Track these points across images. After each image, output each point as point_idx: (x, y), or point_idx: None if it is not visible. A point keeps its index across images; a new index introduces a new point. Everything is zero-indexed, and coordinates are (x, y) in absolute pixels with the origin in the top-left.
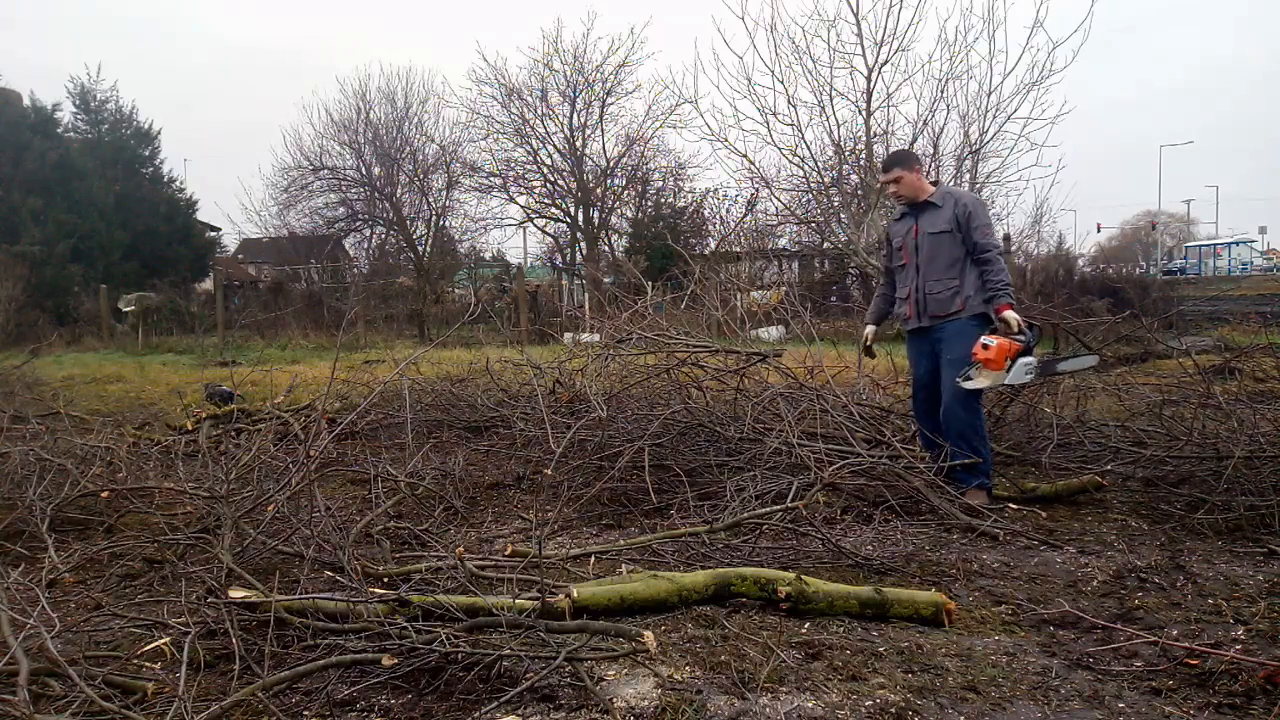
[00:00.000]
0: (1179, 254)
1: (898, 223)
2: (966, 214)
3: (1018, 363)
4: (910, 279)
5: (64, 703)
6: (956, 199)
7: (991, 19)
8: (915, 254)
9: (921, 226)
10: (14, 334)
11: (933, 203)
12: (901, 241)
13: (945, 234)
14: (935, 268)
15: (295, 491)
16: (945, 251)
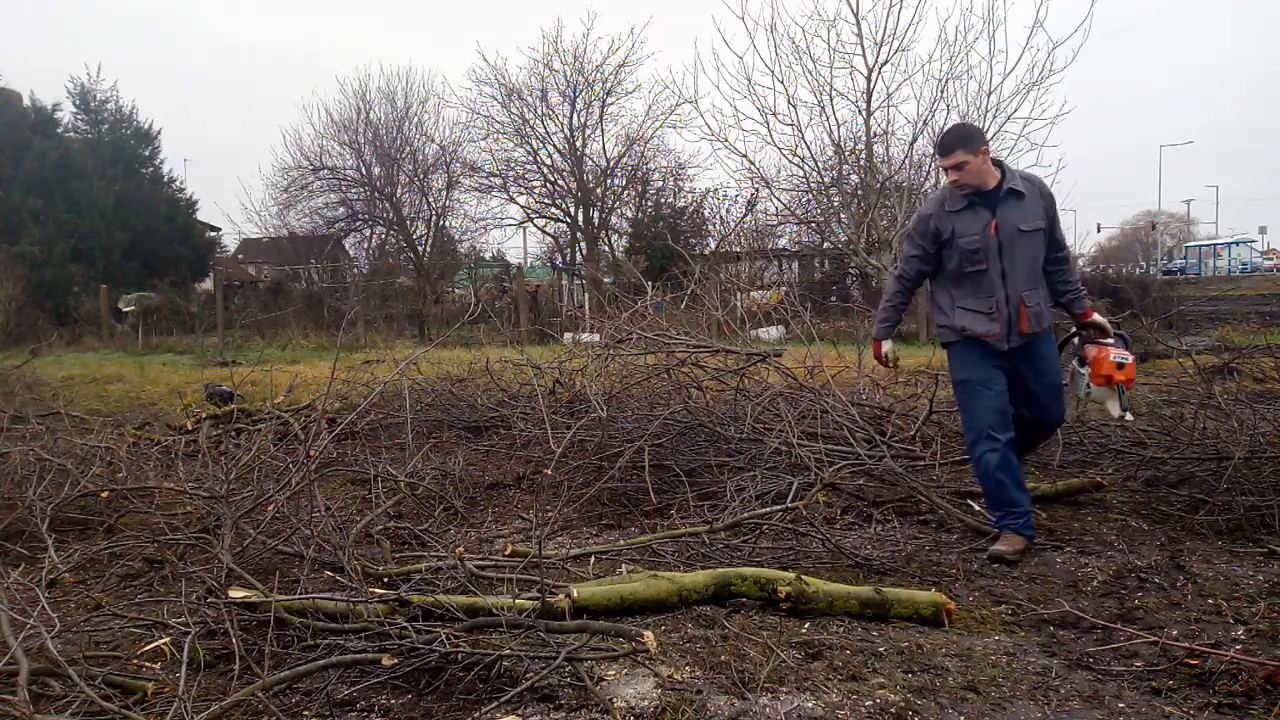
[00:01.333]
0: (1179, 254)
1: (959, 215)
2: (1053, 206)
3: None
4: (993, 288)
5: (64, 703)
6: (1040, 187)
7: (991, 19)
8: (1000, 257)
9: (1005, 221)
10: (14, 334)
11: (1016, 190)
12: (978, 241)
13: (1039, 232)
14: (1028, 274)
15: (295, 491)
16: (1037, 253)
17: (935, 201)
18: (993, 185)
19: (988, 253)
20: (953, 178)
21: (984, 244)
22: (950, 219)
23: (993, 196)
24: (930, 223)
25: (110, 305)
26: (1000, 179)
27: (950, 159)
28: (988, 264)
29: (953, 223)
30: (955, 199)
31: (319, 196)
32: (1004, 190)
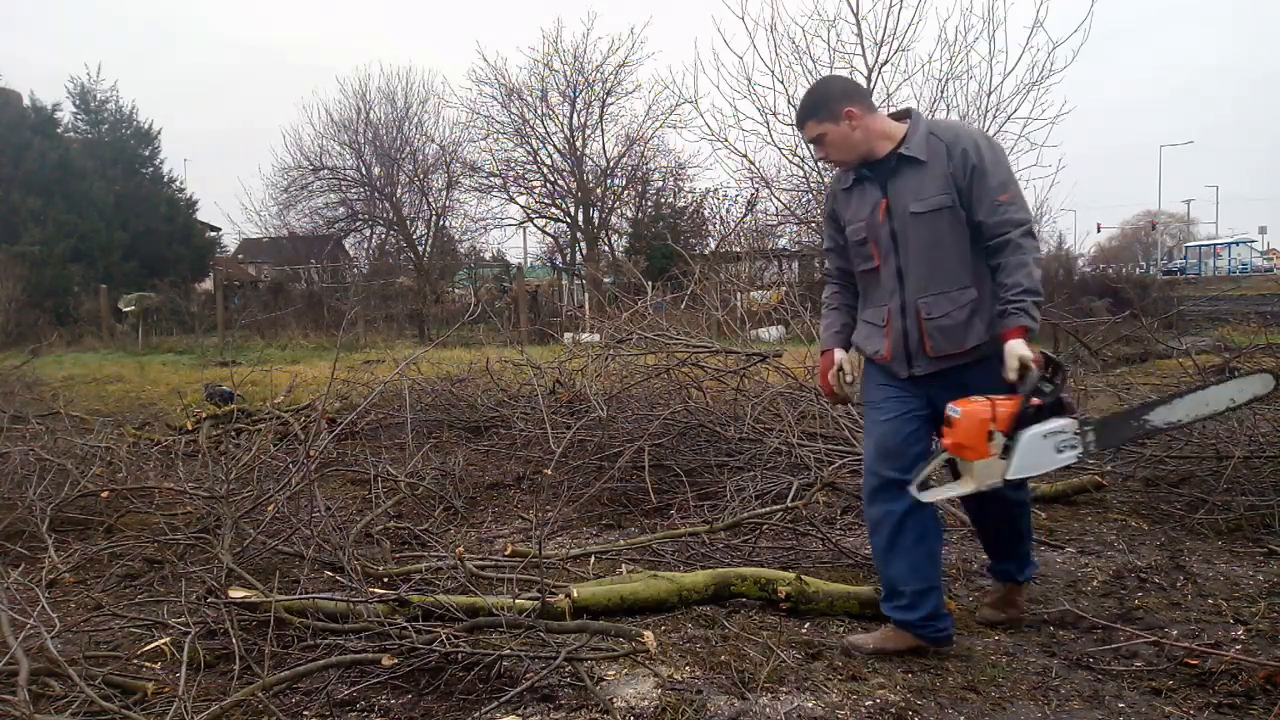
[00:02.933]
0: (1179, 254)
1: (850, 195)
2: (970, 166)
3: (1023, 437)
4: (885, 292)
5: (64, 703)
6: (950, 144)
7: (991, 19)
8: (894, 250)
9: (896, 200)
10: (14, 334)
11: (910, 156)
12: (864, 230)
13: (942, 212)
14: (932, 272)
15: (295, 491)
16: (944, 242)
17: (835, 175)
18: (886, 151)
19: (878, 244)
20: (819, 154)
21: (870, 233)
22: (842, 200)
23: (887, 166)
24: (829, 203)
25: (110, 305)
26: (900, 141)
27: (805, 133)
28: (878, 259)
29: (839, 205)
30: (848, 171)
31: (319, 196)
32: (895, 158)
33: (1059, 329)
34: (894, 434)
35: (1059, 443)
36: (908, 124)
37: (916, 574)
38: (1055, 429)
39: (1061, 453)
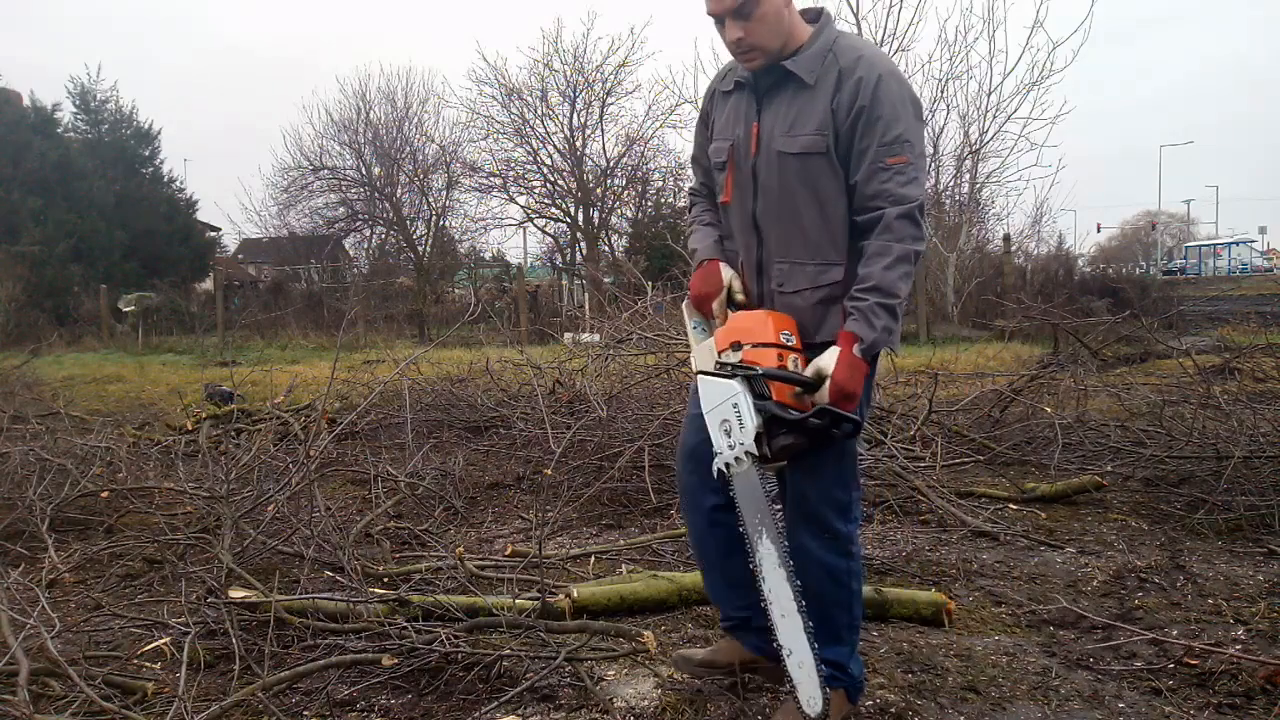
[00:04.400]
0: (1179, 254)
1: (727, 98)
2: (858, 105)
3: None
4: (743, 244)
5: (64, 703)
6: (848, 65)
7: (991, 19)
8: (751, 191)
9: (767, 127)
10: (14, 334)
11: (794, 73)
12: (726, 152)
13: (814, 158)
14: (791, 232)
15: (295, 491)
16: (817, 195)
17: (720, 70)
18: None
19: (735, 176)
20: (734, 34)
21: (733, 158)
22: (719, 104)
23: (765, 78)
24: (705, 102)
25: (110, 305)
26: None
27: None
28: (729, 194)
29: (718, 110)
30: (733, 69)
31: (319, 196)
32: (779, 71)
33: (1059, 329)
34: (694, 439)
35: (727, 423)
36: (812, 30)
37: (732, 589)
38: (744, 415)
39: (720, 432)
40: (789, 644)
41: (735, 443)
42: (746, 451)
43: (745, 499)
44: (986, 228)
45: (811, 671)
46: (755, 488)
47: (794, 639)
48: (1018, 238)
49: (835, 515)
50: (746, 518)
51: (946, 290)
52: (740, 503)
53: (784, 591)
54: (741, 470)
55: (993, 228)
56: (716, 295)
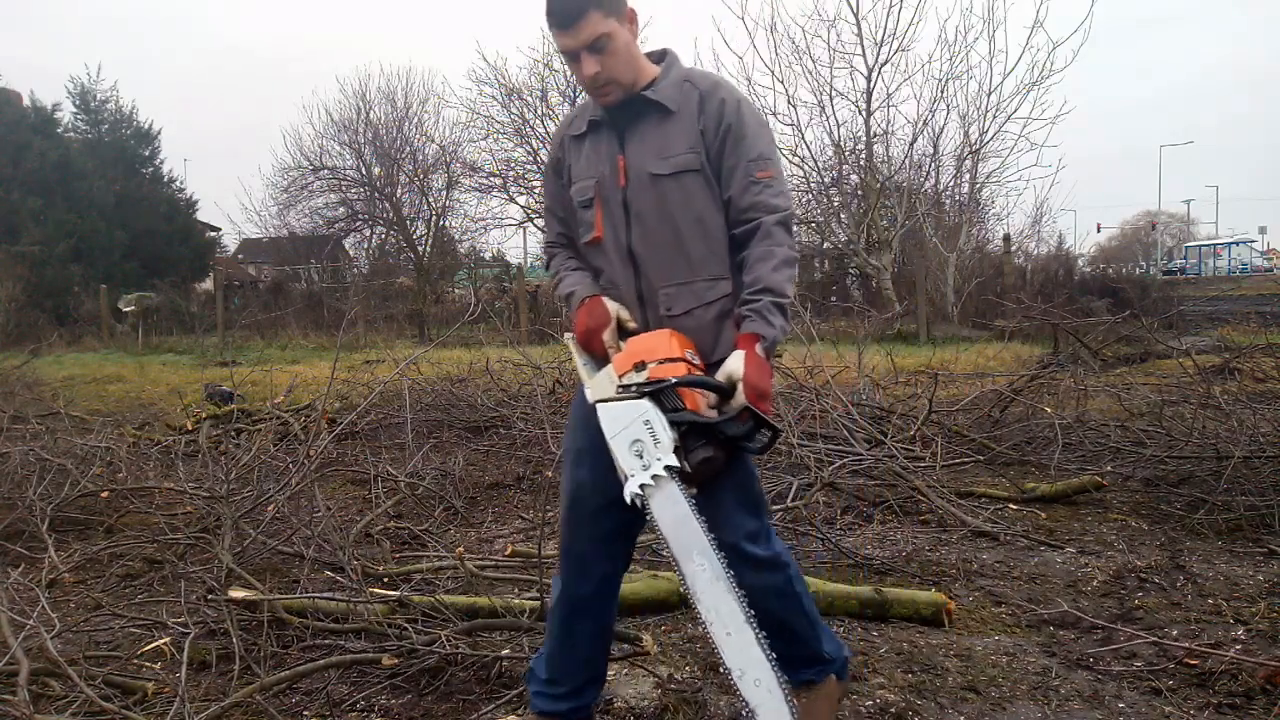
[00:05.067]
0: (1179, 254)
1: (581, 141)
2: (726, 124)
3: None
4: (617, 279)
5: (64, 703)
6: (707, 90)
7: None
8: (624, 222)
9: (635, 157)
10: (14, 334)
11: (656, 101)
12: (592, 190)
13: (689, 175)
14: (676, 253)
15: (295, 491)
16: (695, 212)
17: (568, 117)
18: (640, 87)
19: (605, 210)
20: (590, 69)
21: (600, 194)
22: (572, 149)
23: (625, 112)
24: (555, 150)
25: (110, 305)
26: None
27: (579, 31)
28: (600, 229)
29: (573, 155)
30: (583, 113)
31: (319, 196)
32: (639, 102)
33: (1059, 329)
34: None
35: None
36: (659, 68)
37: (587, 665)
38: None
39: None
40: (739, 665)
41: (650, 460)
42: (666, 466)
43: (668, 518)
44: (986, 228)
45: (773, 686)
46: (678, 502)
47: (744, 657)
48: (1018, 238)
49: (753, 545)
50: (672, 539)
51: (946, 290)
52: (663, 525)
53: (726, 606)
54: (660, 489)
55: (993, 228)
56: (606, 326)
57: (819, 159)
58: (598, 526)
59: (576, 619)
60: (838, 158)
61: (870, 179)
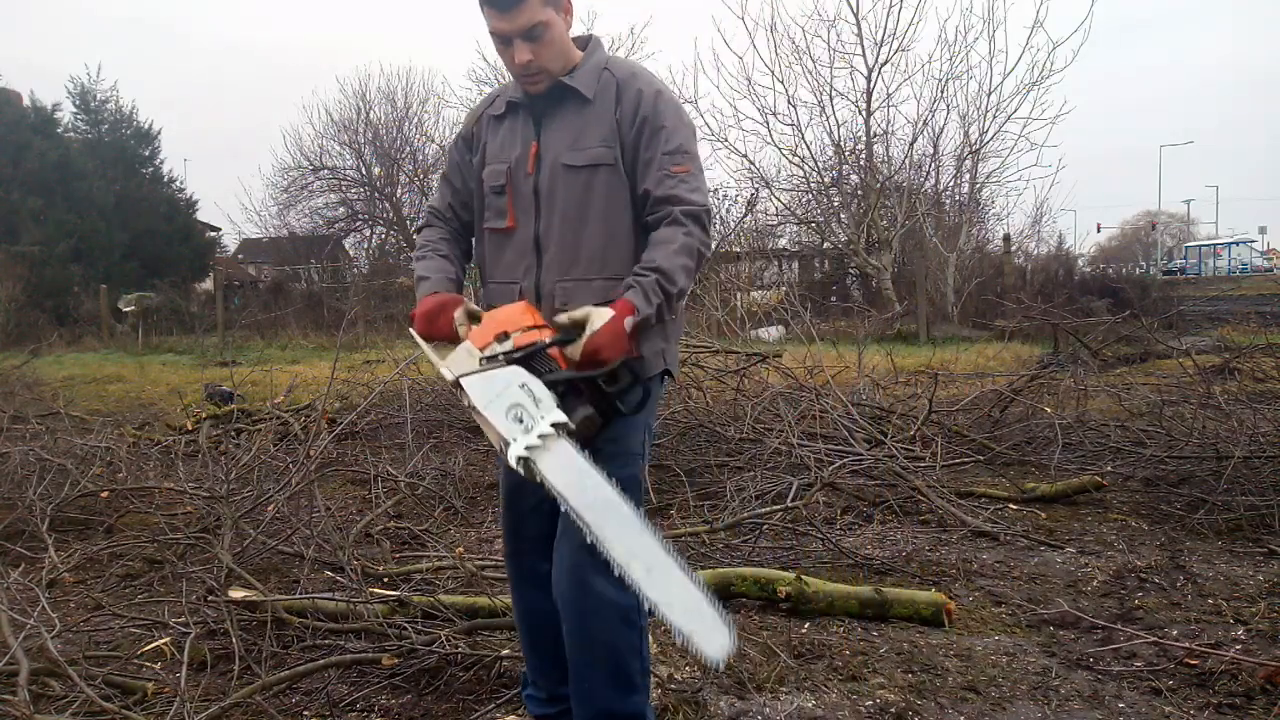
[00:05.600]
0: (1179, 254)
1: (500, 123)
2: (641, 116)
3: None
4: (518, 269)
5: (64, 703)
6: (624, 79)
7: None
8: (534, 211)
9: (548, 145)
10: (14, 334)
11: (573, 88)
12: (504, 176)
13: (600, 170)
14: (577, 248)
15: (295, 491)
16: (599, 208)
17: (494, 91)
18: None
19: (515, 199)
20: (523, 57)
21: (511, 182)
22: (490, 128)
23: (543, 98)
24: (469, 124)
25: (110, 305)
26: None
27: (518, 17)
28: (512, 219)
29: (490, 133)
30: (506, 92)
31: (319, 196)
32: (558, 89)
33: (1059, 329)
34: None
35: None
36: (583, 53)
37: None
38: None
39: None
40: (665, 597)
41: (534, 419)
42: (553, 424)
43: (566, 473)
44: (986, 228)
45: (704, 607)
46: (570, 455)
47: (669, 589)
48: (1018, 238)
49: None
50: (573, 494)
51: (946, 290)
52: (559, 483)
53: (641, 544)
54: (548, 449)
55: (993, 228)
56: (456, 305)
57: (819, 159)
58: (536, 526)
59: (535, 631)
60: (838, 158)
61: (870, 179)
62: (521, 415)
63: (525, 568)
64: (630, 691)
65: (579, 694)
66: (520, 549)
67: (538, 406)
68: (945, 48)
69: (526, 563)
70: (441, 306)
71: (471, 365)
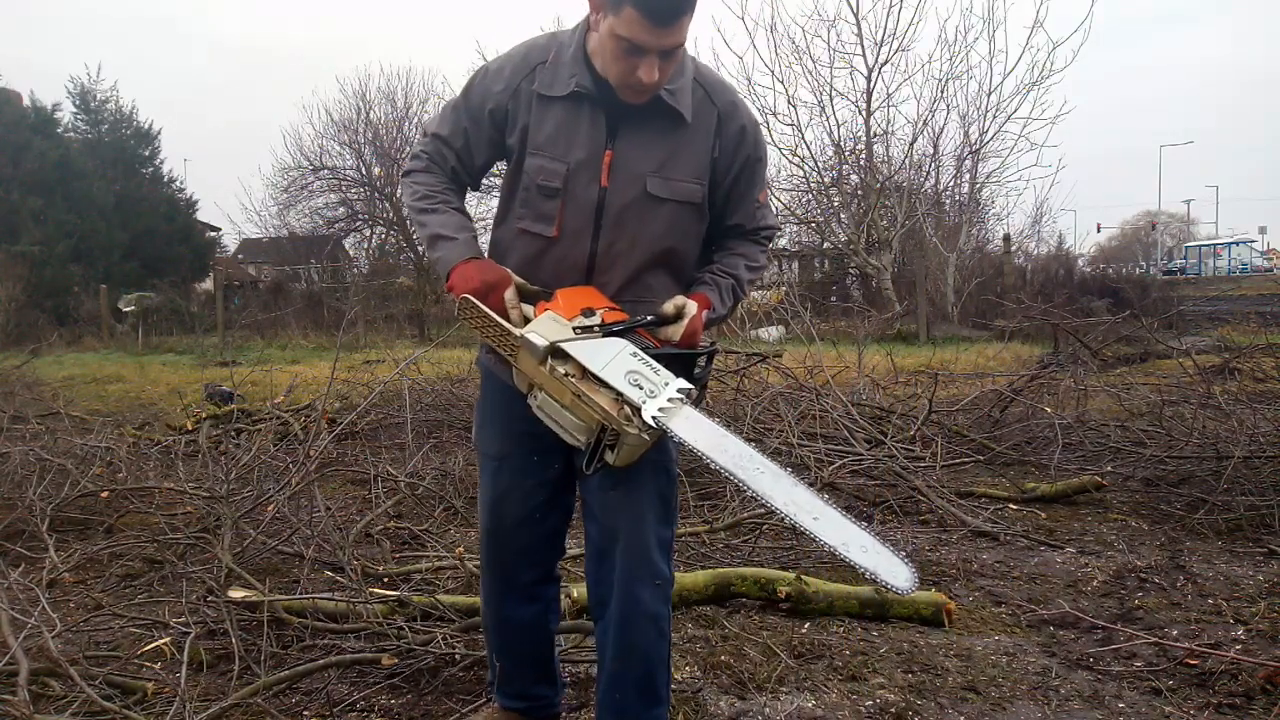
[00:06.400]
0: (1179, 254)
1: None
2: (747, 155)
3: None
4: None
5: (64, 703)
6: (727, 110)
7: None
8: (592, 227)
9: (627, 160)
10: (14, 334)
11: (673, 107)
12: (562, 178)
13: (689, 208)
14: (646, 277)
15: (295, 491)
16: (681, 244)
17: (520, 54)
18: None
19: (572, 208)
20: (655, 76)
21: (571, 186)
22: (536, 107)
23: (624, 103)
24: (503, 96)
25: (110, 305)
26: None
27: (674, 33)
28: (558, 229)
29: (535, 115)
30: (563, 70)
31: (319, 196)
32: (661, 102)
33: (1059, 329)
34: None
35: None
36: None
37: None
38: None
39: (632, 385)
40: (840, 540)
41: (657, 388)
42: (679, 389)
43: (703, 436)
44: (986, 228)
45: (878, 547)
46: (700, 419)
47: (840, 532)
48: (1018, 238)
49: (663, 557)
50: (717, 453)
51: (946, 290)
52: (699, 444)
53: (799, 495)
54: (678, 413)
55: (993, 228)
56: (507, 284)
57: (819, 159)
58: (523, 538)
59: (513, 638)
60: (838, 158)
61: (870, 179)
62: (641, 382)
63: (509, 578)
64: (656, 704)
65: (610, 704)
66: (504, 559)
67: (657, 374)
68: (945, 48)
69: (511, 573)
70: (493, 285)
71: (566, 333)
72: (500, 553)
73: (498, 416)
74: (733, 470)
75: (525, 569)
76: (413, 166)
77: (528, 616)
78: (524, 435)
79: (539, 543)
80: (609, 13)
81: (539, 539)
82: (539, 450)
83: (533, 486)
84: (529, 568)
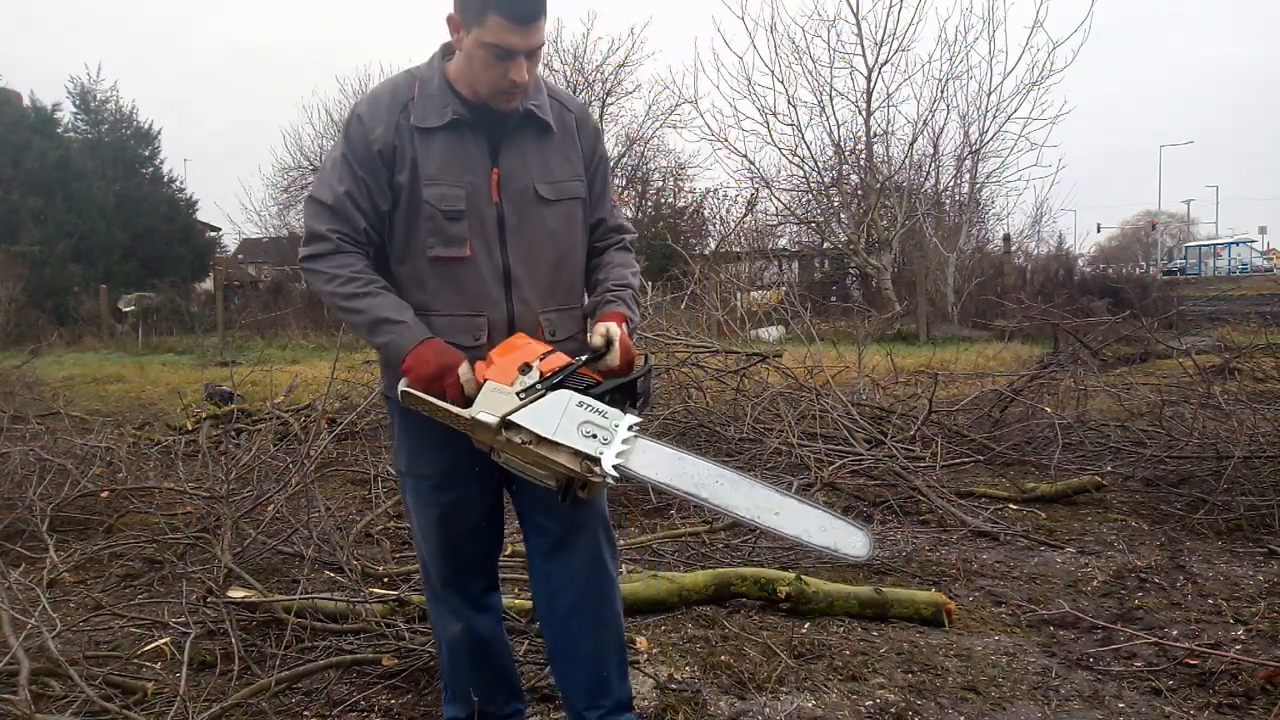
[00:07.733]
0: (1179, 254)
1: (433, 137)
2: (600, 154)
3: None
4: (482, 300)
5: (64, 702)
6: (580, 115)
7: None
8: (498, 241)
9: (514, 173)
10: (14, 334)
11: (540, 117)
12: (464, 200)
13: (576, 203)
14: (558, 278)
15: (295, 491)
16: (575, 239)
17: (386, 94)
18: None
19: (479, 227)
20: (523, 75)
21: (473, 204)
22: (419, 142)
23: (502, 118)
24: (375, 134)
25: (110, 305)
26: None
27: (535, 32)
28: (471, 249)
29: (421, 149)
30: (433, 101)
31: None
32: (522, 110)
33: (1059, 329)
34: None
35: (588, 425)
36: None
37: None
38: (597, 409)
39: (585, 436)
40: (800, 528)
41: (609, 429)
42: (629, 426)
43: (662, 465)
44: (986, 228)
45: (832, 520)
46: (657, 449)
47: (800, 522)
48: (1018, 238)
49: (611, 559)
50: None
51: (946, 290)
52: (660, 475)
53: (759, 495)
54: (634, 450)
55: (993, 228)
56: (461, 361)
57: (819, 159)
58: (473, 546)
59: (483, 654)
60: (838, 158)
61: (870, 179)
62: (594, 430)
63: (465, 593)
64: (625, 676)
65: (597, 685)
66: (458, 575)
67: (605, 417)
68: (945, 48)
69: (465, 586)
70: (449, 367)
71: (511, 402)
72: (453, 570)
73: (434, 439)
74: (695, 492)
75: (475, 578)
76: (317, 250)
77: (486, 628)
78: (465, 452)
79: (490, 548)
80: (473, 26)
81: (489, 545)
82: (480, 462)
83: (478, 495)
84: (478, 576)
